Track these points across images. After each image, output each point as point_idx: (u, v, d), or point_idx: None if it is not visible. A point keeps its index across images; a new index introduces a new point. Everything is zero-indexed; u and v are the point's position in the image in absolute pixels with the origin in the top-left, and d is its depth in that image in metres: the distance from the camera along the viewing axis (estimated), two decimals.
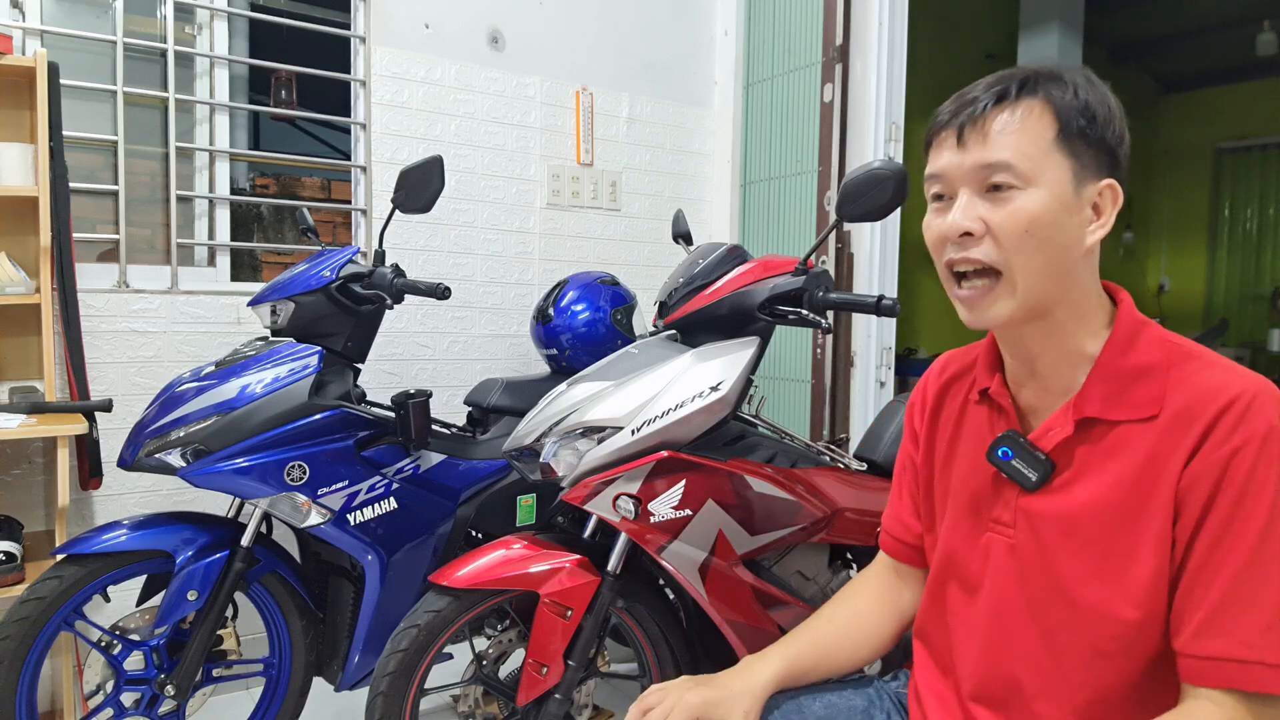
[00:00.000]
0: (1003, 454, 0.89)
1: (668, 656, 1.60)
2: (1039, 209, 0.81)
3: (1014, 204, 0.81)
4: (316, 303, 1.75)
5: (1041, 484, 0.87)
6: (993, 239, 0.82)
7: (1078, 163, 0.82)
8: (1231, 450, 0.76)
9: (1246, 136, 6.67)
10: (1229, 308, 6.79)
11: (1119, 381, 0.84)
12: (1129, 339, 0.85)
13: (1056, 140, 0.81)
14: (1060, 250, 0.82)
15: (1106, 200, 0.84)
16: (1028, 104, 0.82)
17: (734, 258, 1.61)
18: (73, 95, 2.16)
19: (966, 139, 0.83)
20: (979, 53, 5.41)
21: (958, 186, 0.84)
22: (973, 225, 0.82)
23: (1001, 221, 0.81)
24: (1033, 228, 0.81)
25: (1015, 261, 0.82)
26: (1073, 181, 0.82)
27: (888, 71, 2.63)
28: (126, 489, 2.19)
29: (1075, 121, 0.81)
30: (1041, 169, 0.81)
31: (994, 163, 0.81)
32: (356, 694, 1.74)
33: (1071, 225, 0.82)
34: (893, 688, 1.10)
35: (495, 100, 2.70)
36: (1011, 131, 0.81)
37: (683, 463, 1.46)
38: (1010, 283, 0.83)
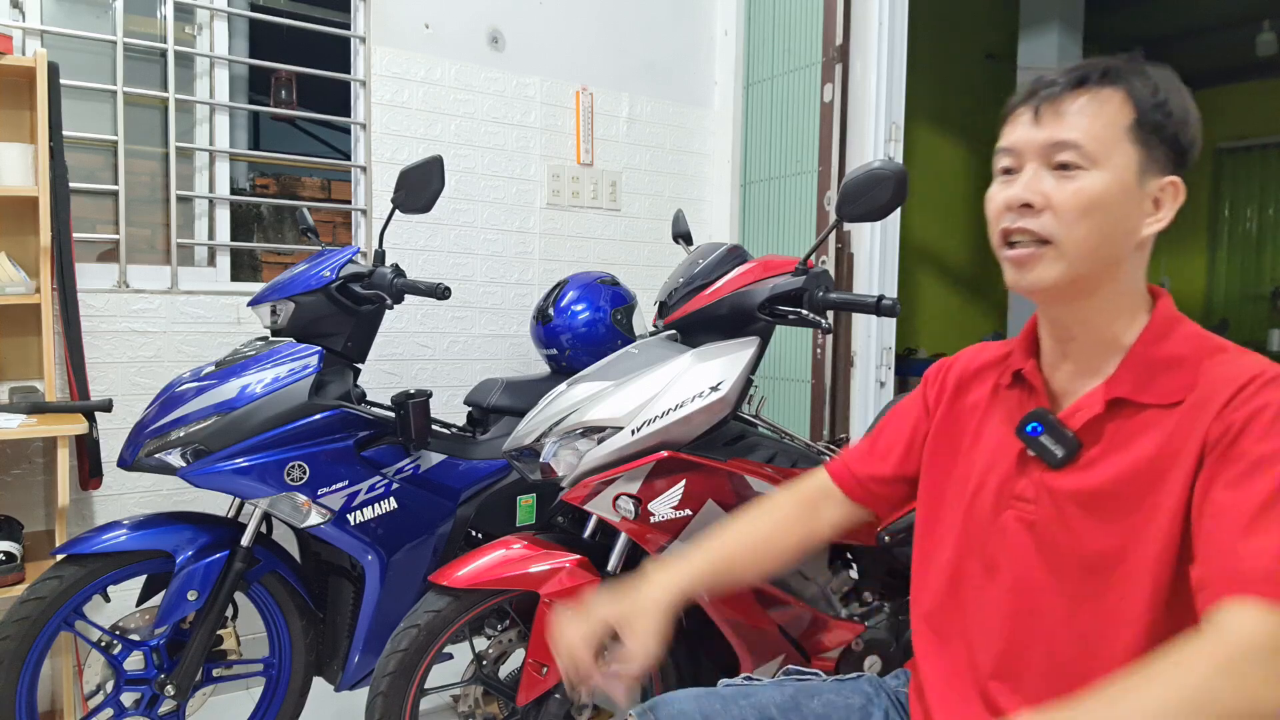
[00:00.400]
0: (1031, 429, 0.91)
1: (667, 656, 1.60)
2: (1101, 190, 0.84)
3: (1077, 183, 0.84)
4: (316, 303, 1.75)
5: (1067, 461, 0.89)
6: (1051, 213, 0.85)
7: (1147, 155, 0.85)
8: (1253, 410, 0.78)
9: (1246, 136, 6.67)
10: (1229, 307, 6.79)
11: (1151, 369, 0.86)
12: (1164, 331, 0.88)
13: (1130, 129, 0.84)
14: (1115, 234, 0.85)
15: (1168, 196, 0.87)
16: (1107, 91, 0.85)
17: (734, 258, 1.61)
18: (73, 95, 2.16)
19: (1042, 115, 0.86)
20: (979, 53, 5.42)
21: (1026, 160, 0.87)
22: (1034, 198, 0.85)
23: (1063, 199, 0.84)
24: (1091, 208, 0.84)
25: (1069, 236, 0.84)
26: (1138, 171, 0.85)
27: (888, 71, 2.63)
28: (126, 489, 2.19)
29: (1151, 115, 0.85)
30: (1109, 153, 0.84)
31: (1063, 140, 0.84)
32: (356, 694, 1.74)
33: (1130, 213, 0.85)
34: (892, 686, 1.10)
35: (495, 100, 2.70)
36: (1086, 114, 0.84)
37: (683, 463, 1.46)
38: (1059, 252, 0.85)
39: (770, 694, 1.03)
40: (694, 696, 1.03)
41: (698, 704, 1.01)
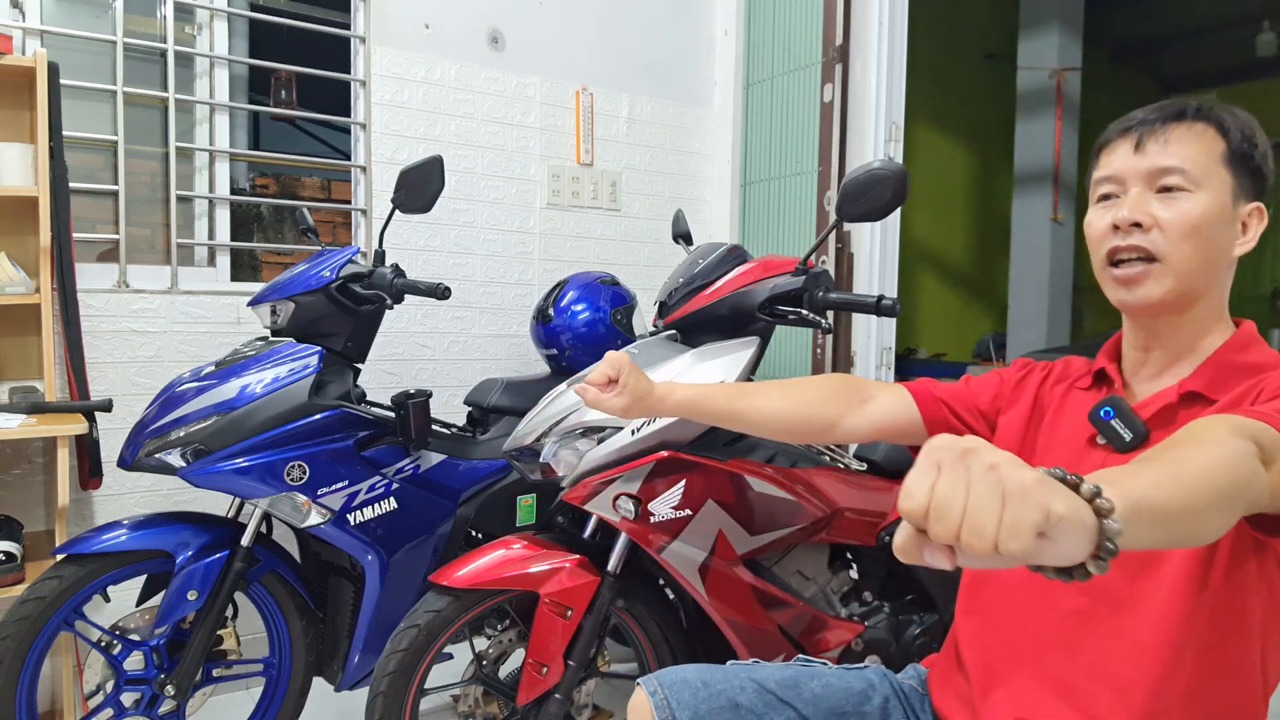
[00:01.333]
0: (1104, 413, 0.96)
1: (668, 656, 1.60)
2: (1204, 211, 0.91)
3: (1183, 204, 0.91)
4: (316, 303, 1.75)
5: (1135, 446, 0.93)
6: (1160, 231, 0.91)
7: (1238, 182, 0.93)
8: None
9: None
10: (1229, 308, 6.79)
11: (1227, 370, 0.92)
12: (1244, 345, 0.95)
13: (1223, 158, 0.92)
14: (1213, 253, 0.92)
15: (1254, 220, 0.95)
16: (1201, 125, 0.93)
17: (734, 258, 1.61)
18: (73, 95, 2.16)
19: (1145, 145, 0.93)
20: (979, 53, 5.42)
21: (1130, 185, 0.94)
22: (1143, 217, 0.92)
23: (1171, 217, 0.91)
24: (1198, 226, 0.91)
25: (1177, 253, 0.91)
26: (1231, 196, 0.93)
27: (888, 71, 2.63)
28: (126, 489, 2.19)
29: (1240, 146, 0.93)
30: (1209, 178, 0.91)
31: (1169, 166, 0.92)
32: (356, 694, 1.74)
33: (1226, 234, 0.93)
34: (896, 678, 1.10)
35: (495, 100, 2.70)
36: (1186, 142, 0.92)
37: (683, 463, 1.46)
38: (1166, 268, 0.92)
39: (772, 671, 1.06)
40: (697, 668, 1.07)
41: (700, 673, 1.05)
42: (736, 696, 1.02)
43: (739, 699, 1.02)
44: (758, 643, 1.54)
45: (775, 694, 1.02)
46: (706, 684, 1.03)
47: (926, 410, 1.13)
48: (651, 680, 1.05)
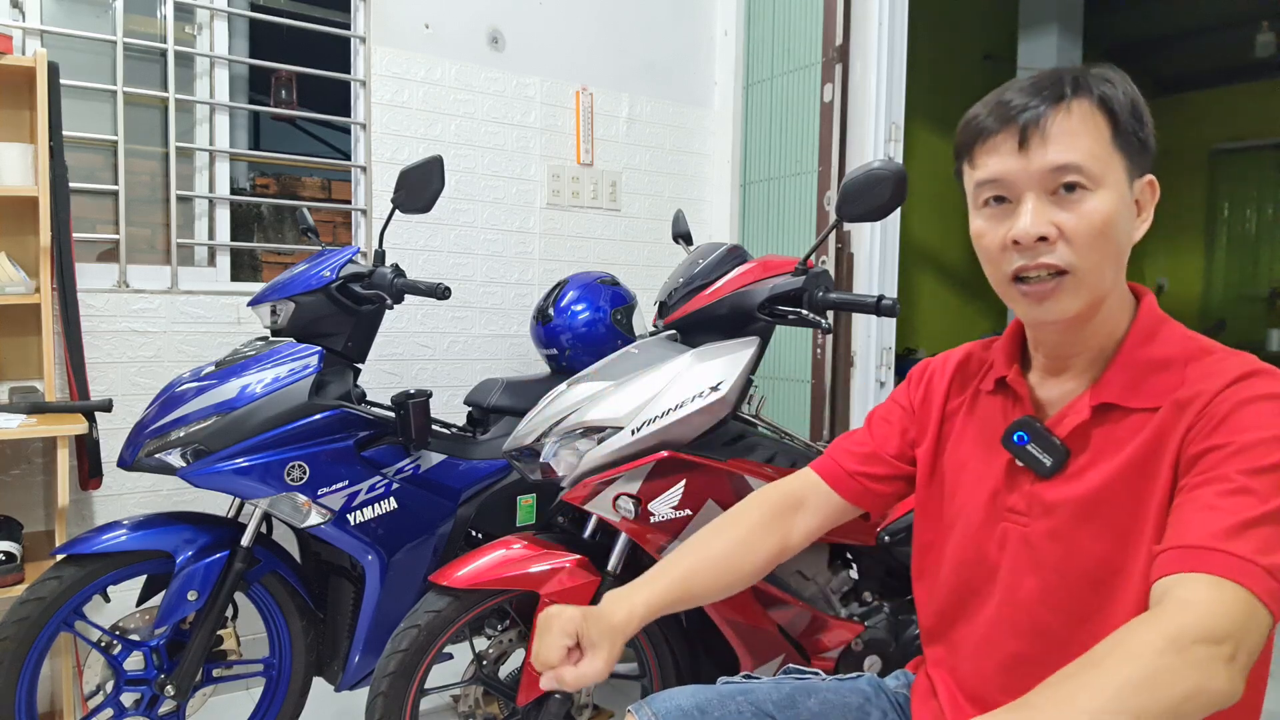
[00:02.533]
0: (1018, 439, 0.89)
1: (668, 656, 1.61)
2: (1111, 209, 0.81)
3: (1086, 205, 0.80)
4: (316, 303, 1.75)
5: (1056, 470, 0.87)
6: (1066, 242, 0.81)
7: (1128, 159, 0.83)
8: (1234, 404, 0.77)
9: (1244, 138, 6.67)
10: (1226, 308, 6.79)
11: (1138, 371, 0.85)
12: (1150, 332, 0.86)
13: (1113, 139, 0.82)
14: (1122, 249, 0.84)
15: (1147, 196, 0.86)
16: (1086, 104, 0.81)
17: (734, 258, 1.61)
18: (73, 95, 2.16)
19: (1030, 141, 0.81)
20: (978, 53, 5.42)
21: (1023, 190, 0.82)
22: (1048, 230, 0.81)
23: (1077, 224, 0.80)
24: (1106, 229, 0.81)
25: (1087, 262, 0.81)
26: (1127, 179, 0.83)
27: (888, 71, 2.63)
28: (126, 489, 2.19)
29: (1127, 121, 0.82)
30: (1107, 168, 0.81)
31: (1065, 164, 0.80)
32: (356, 694, 1.74)
33: (1129, 223, 0.84)
34: (892, 687, 1.10)
35: (495, 100, 2.70)
36: (1076, 133, 0.80)
37: (683, 463, 1.46)
38: (1079, 281, 0.82)
39: (767, 691, 1.03)
40: (690, 693, 1.03)
41: (694, 699, 1.01)
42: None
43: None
44: (757, 643, 1.54)
45: (773, 715, 1.00)
46: (703, 710, 0.99)
47: (844, 492, 1.06)
48: (643, 708, 1.01)
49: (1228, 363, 0.82)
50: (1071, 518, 0.86)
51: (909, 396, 1.07)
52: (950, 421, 1.01)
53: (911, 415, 1.06)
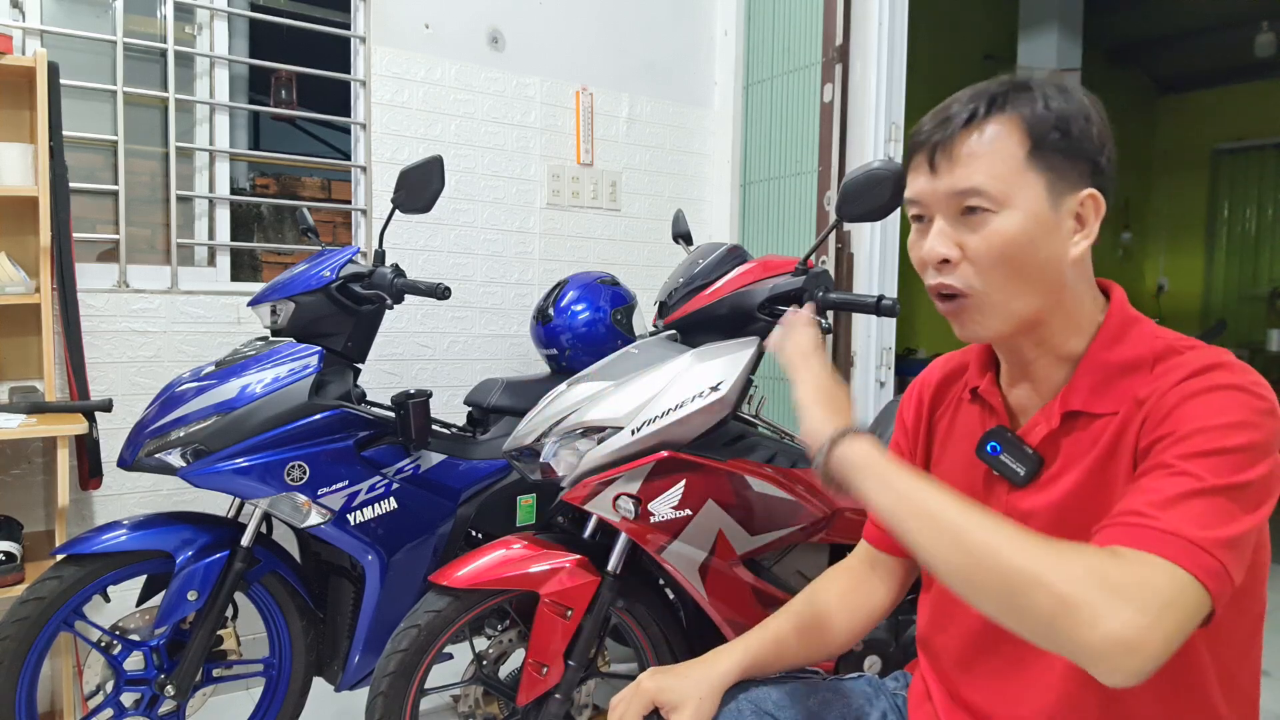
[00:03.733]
0: (991, 449, 0.90)
1: (668, 657, 1.60)
2: (1014, 231, 0.80)
3: (988, 228, 0.81)
4: (316, 303, 1.75)
5: (1030, 479, 0.87)
6: (969, 263, 0.82)
7: (1054, 176, 0.81)
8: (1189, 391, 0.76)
9: (1245, 137, 6.67)
10: (1227, 308, 6.79)
11: (1104, 374, 0.84)
12: (1117, 334, 0.85)
13: (1029, 158, 0.80)
14: (1042, 267, 0.82)
15: (1089, 210, 0.83)
16: (997, 123, 0.81)
17: (734, 258, 1.61)
18: (73, 95, 2.16)
19: (938, 164, 0.82)
20: (979, 53, 5.42)
21: (934, 211, 0.84)
22: (949, 251, 0.83)
23: (976, 246, 0.81)
24: (1008, 250, 0.80)
25: (988, 284, 0.82)
26: (1049, 197, 0.81)
27: (888, 71, 2.63)
28: (126, 489, 2.19)
29: (1048, 135, 0.80)
30: (1014, 189, 0.80)
31: (965, 189, 0.81)
32: (356, 694, 1.74)
33: (1052, 241, 0.81)
34: (891, 688, 1.10)
35: (495, 100, 2.70)
36: (982, 154, 0.80)
37: (683, 463, 1.46)
38: (982, 303, 0.83)
39: (767, 690, 1.03)
40: None
41: None
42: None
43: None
44: None
45: (773, 714, 1.00)
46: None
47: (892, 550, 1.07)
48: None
49: (1188, 358, 0.80)
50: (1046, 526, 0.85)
51: (904, 417, 1.08)
52: (936, 431, 1.02)
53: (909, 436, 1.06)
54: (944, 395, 1.02)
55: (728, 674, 1.01)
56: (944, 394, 1.03)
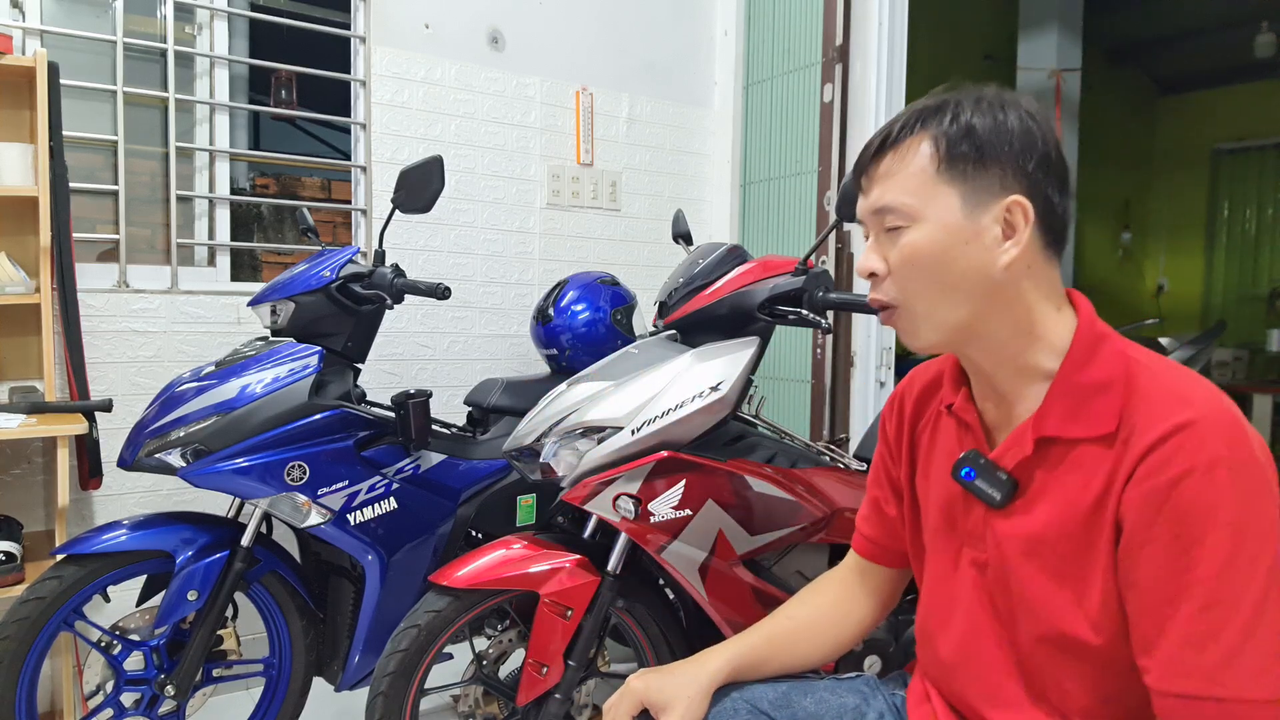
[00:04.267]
0: (966, 474, 0.89)
1: (668, 656, 1.60)
2: (923, 242, 0.83)
3: (902, 240, 0.85)
4: (316, 303, 1.75)
5: (1006, 503, 0.87)
6: (892, 276, 0.86)
7: (968, 188, 0.82)
8: (1172, 479, 0.75)
9: (1245, 138, 6.67)
10: (1227, 309, 6.79)
11: (1076, 397, 0.82)
12: (1087, 354, 0.83)
13: (939, 172, 0.83)
14: (963, 276, 0.83)
15: (1017, 217, 0.82)
16: (908, 143, 0.84)
17: (734, 258, 1.61)
18: (73, 95, 2.16)
19: (865, 185, 0.88)
20: (979, 53, 5.42)
21: (869, 229, 0.89)
22: (876, 265, 0.87)
23: (894, 258, 0.86)
24: (918, 260, 0.84)
25: (909, 294, 0.86)
26: (963, 209, 0.82)
27: (888, 71, 2.63)
28: (126, 489, 2.19)
29: (957, 149, 0.82)
30: (925, 203, 0.83)
31: (881, 207, 0.86)
32: (356, 694, 1.74)
33: (971, 250, 0.82)
34: (890, 688, 1.10)
35: (495, 100, 2.70)
36: (895, 174, 0.85)
37: (683, 463, 1.46)
38: (905, 314, 0.87)
39: (763, 689, 1.04)
40: None
41: None
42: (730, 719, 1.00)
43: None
44: None
45: (769, 714, 1.00)
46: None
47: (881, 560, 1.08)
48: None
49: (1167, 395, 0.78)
50: (1020, 552, 0.85)
51: (886, 429, 1.08)
52: (919, 443, 1.02)
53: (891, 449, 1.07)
54: (924, 407, 1.02)
55: (717, 673, 1.01)
56: (924, 406, 1.02)
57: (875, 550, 1.09)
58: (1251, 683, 0.72)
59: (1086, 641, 0.81)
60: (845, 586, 1.11)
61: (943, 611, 0.96)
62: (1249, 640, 0.72)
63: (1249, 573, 0.73)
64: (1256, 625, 0.72)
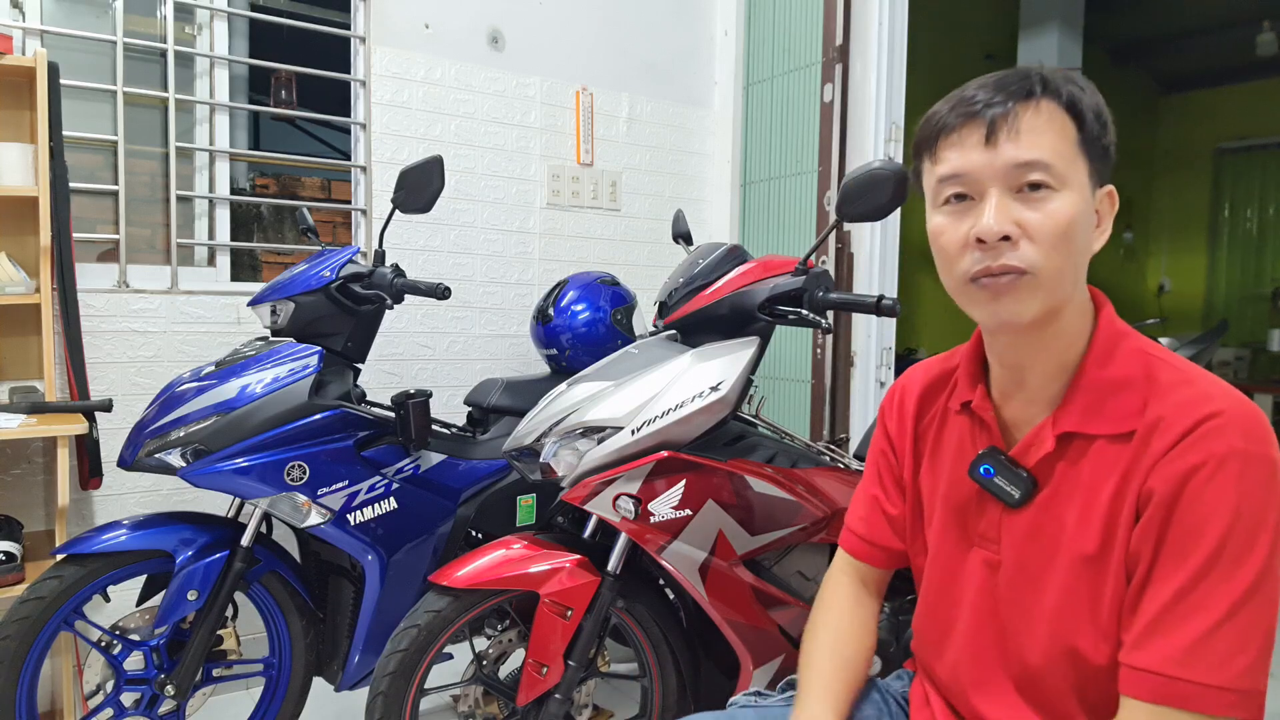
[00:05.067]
0: (985, 471, 0.88)
1: (668, 656, 1.60)
2: (1075, 211, 0.78)
3: (1052, 205, 0.78)
4: (316, 303, 1.75)
5: (1025, 501, 0.86)
6: (1029, 241, 0.78)
7: (1092, 166, 0.81)
8: (1190, 467, 0.75)
9: (1246, 137, 6.67)
10: (1229, 308, 6.79)
11: (1098, 394, 0.82)
12: (1109, 350, 0.83)
13: (1079, 143, 0.80)
14: (1082, 256, 0.81)
15: (1105, 206, 0.84)
16: (1053, 105, 0.79)
17: (734, 258, 1.61)
18: (73, 95, 2.16)
19: (997, 135, 0.79)
20: (979, 53, 5.41)
21: (987, 186, 0.79)
22: (1011, 228, 0.78)
23: (1040, 223, 0.78)
24: (1070, 231, 0.78)
25: (1048, 264, 0.78)
26: (1089, 185, 0.81)
27: (888, 71, 2.63)
28: (126, 489, 2.19)
29: (1093, 126, 0.80)
30: (1072, 170, 0.79)
31: (1032, 161, 0.78)
32: (356, 694, 1.75)
33: (1090, 230, 0.82)
34: (895, 688, 1.10)
35: (495, 100, 2.70)
36: (1045, 130, 0.78)
37: (683, 463, 1.46)
38: (1039, 282, 0.79)
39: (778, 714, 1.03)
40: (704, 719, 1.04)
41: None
42: None
43: None
44: (758, 643, 1.54)
45: None
46: None
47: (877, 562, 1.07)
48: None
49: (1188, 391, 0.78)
50: (1039, 550, 0.85)
51: (886, 423, 1.06)
52: (923, 441, 1.00)
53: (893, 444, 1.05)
54: (929, 405, 1.00)
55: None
56: (929, 403, 1.00)
57: (873, 552, 1.08)
58: (1210, 670, 0.73)
59: (1096, 647, 0.81)
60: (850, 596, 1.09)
61: (946, 611, 0.96)
62: (1221, 629, 0.73)
63: (1236, 564, 0.73)
64: (1233, 616, 0.73)
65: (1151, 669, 0.75)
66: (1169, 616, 0.75)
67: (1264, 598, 0.74)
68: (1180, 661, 0.74)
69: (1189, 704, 0.73)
